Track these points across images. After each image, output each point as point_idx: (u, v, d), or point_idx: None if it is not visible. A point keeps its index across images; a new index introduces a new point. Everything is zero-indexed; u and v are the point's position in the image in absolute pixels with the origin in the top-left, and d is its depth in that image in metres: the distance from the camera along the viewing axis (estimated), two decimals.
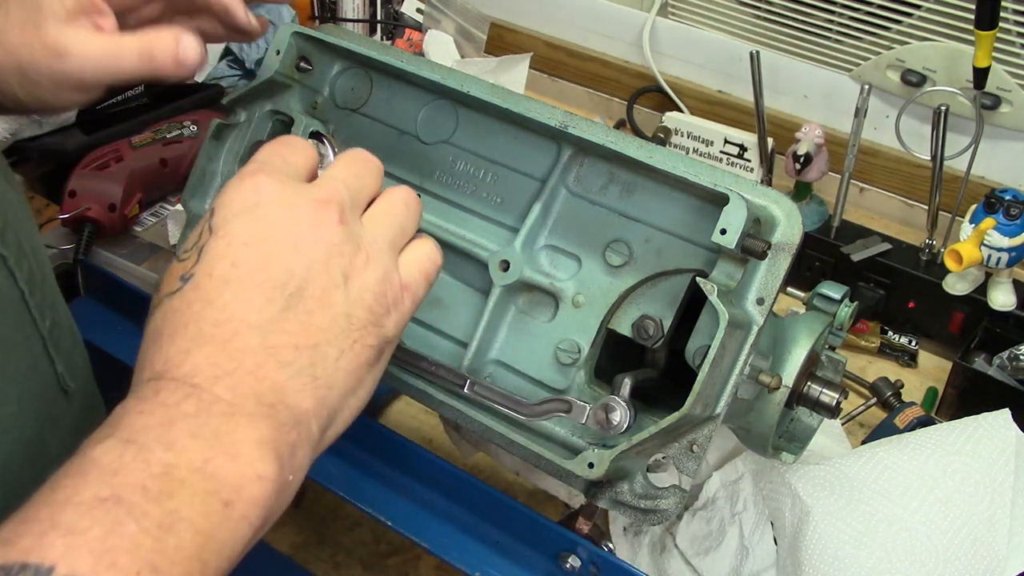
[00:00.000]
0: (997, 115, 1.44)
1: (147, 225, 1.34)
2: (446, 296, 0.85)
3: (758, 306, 0.73)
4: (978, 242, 1.20)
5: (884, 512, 0.91)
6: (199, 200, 0.89)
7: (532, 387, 0.81)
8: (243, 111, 0.89)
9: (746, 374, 0.74)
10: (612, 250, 0.79)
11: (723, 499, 1.02)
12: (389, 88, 0.88)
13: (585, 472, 0.71)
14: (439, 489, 0.84)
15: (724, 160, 1.56)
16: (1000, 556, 0.89)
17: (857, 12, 1.50)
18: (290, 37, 0.86)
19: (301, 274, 0.56)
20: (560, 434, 0.79)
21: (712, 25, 1.68)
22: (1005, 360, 1.23)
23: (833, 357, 0.89)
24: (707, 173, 0.74)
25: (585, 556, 0.77)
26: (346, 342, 0.57)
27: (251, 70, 1.61)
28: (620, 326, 0.78)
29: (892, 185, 1.59)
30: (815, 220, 1.43)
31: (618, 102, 1.82)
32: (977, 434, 0.95)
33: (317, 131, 0.90)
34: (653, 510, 0.75)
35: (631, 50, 1.78)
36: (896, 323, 1.38)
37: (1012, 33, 1.38)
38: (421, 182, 0.87)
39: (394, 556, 1.15)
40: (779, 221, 0.74)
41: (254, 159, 0.61)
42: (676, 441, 0.74)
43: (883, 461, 0.94)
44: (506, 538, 0.81)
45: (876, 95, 1.48)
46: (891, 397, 1.28)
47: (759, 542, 0.98)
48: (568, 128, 0.77)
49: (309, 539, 1.17)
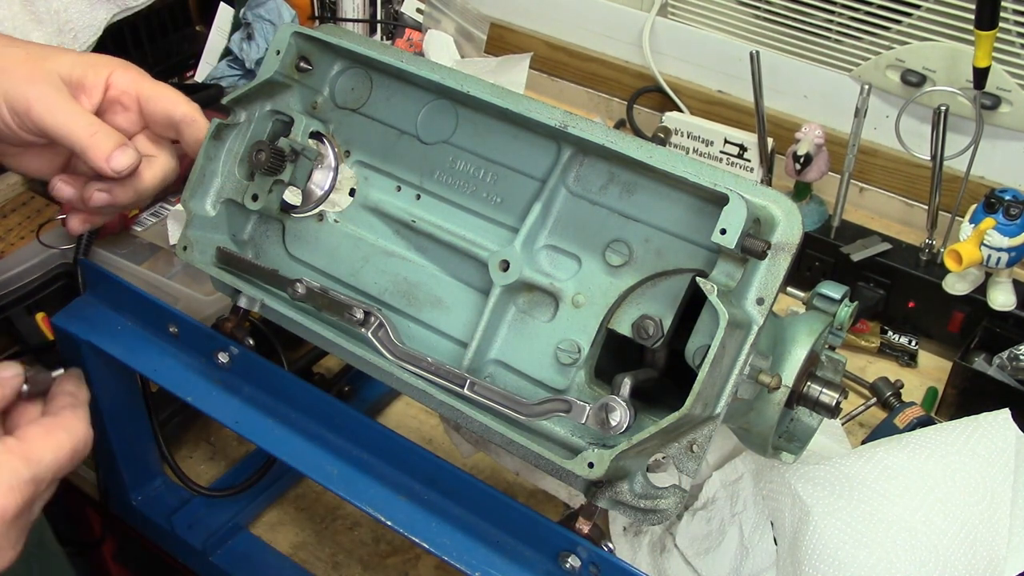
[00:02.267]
0: (997, 115, 1.44)
1: (147, 225, 1.34)
2: (446, 296, 0.85)
3: (758, 306, 0.73)
4: (978, 242, 1.20)
5: (884, 512, 0.91)
6: (199, 200, 0.89)
7: (532, 387, 0.81)
8: (243, 111, 0.89)
9: (746, 374, 0.74)
10: (612, 250, 0.79)
11: (723, 499, 1.02)
12: (389, 88, 0.89)
13: (585, 472, 0.71)
14: (439, 489, 0.84)
15: (724, 160, 1.56)
16: (1000, 556, 0.89)
17: (857, 12, 1.50)
18: (290, 37, 0.86)
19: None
20: (560, 434, 0.79)
21: (712, 25, 1.68)
22: (1005, 360, 1.23)
23: (833, 357, 0.89)
24: (707, 173, 0.74)
25: (585, 556, 0.77)
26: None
27: (251, 70, 1.61)
28: (620, 326, 0.78)
29: (892, 185, 1.59)
30: (815, 220, 1.43)
31: (618, 102, 1.82)
32: (977, 434, 0.95)
33: (317, 131, 0.90)
34: (653, 510, 0.75)
35: (631, 50, 1.78)
36: (896, 323, 1.38)
37: (1012, 33, 1.38)
38: (421, 182, 0.87)
39: (394, 556, 1.15)
40: (779, 221, 0.74)
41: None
42: (676, 441, 0.74)
43: (883, 461, 0.94)
44: (506, 538, 0.81)
45: (876, 95, 1.48)
46: (891, 397, 1.28)
47: (759, 542, 0.98)
48: (568, 128, 0.77)
49: (309, 539, 1.17)
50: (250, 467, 1.15)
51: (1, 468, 0.68)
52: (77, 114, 0.84)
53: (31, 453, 0.70)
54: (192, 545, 1.13)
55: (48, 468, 0.71)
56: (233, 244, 0.91)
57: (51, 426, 0.74)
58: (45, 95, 0.83)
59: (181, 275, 1.25)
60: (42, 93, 0.83)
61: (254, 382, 0.92)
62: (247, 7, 1.64)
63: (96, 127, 0.84)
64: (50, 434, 0.73)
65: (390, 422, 1.28)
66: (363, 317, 0.80)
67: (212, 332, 0.93)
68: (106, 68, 0.87)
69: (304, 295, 0.83)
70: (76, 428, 0.75)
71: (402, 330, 0.84)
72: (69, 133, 0.84)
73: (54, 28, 1.40)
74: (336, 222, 0.90)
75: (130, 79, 0.88)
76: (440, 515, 0.83)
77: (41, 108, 0.83)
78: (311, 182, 0.90)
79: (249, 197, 0.88)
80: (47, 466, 0.71)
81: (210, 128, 0.87)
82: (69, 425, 0.75)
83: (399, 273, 0.87)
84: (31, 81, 0.83)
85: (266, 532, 1.17)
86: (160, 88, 0.89)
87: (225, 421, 0.91)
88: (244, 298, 0.87)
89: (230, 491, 1.14)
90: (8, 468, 0.68)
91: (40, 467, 0.70)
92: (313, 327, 0.82)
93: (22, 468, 0.69)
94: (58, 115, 0.84)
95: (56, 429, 0.74)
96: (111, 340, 0.98)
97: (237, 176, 0.89)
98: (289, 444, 0.89)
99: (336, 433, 0.88)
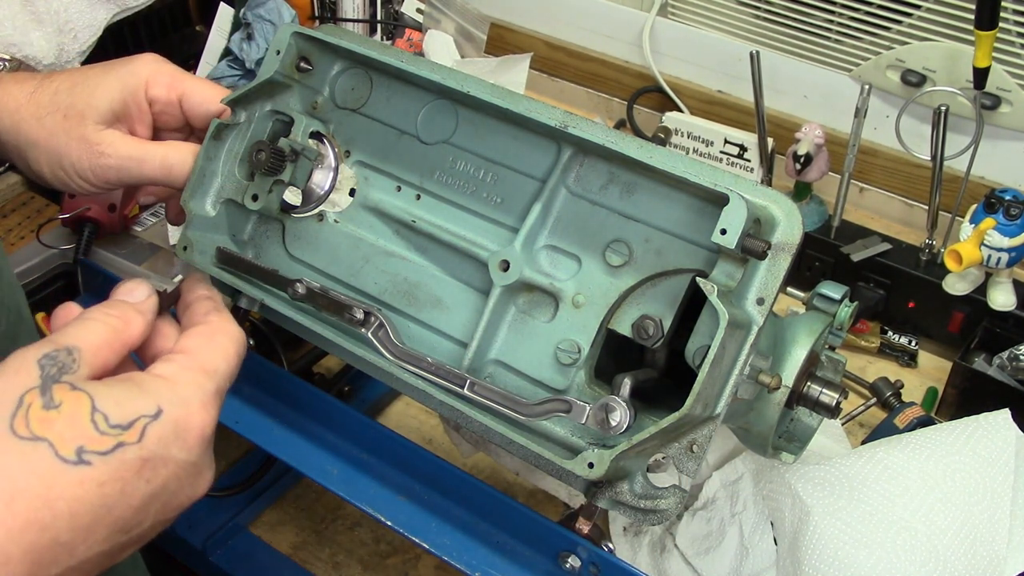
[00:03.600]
0: (997, 115, 1.44)
1: (147, 225, 1.34)
2: (446, 296, 0.85)
3: (758, 306, 0.73)
4: (978, 242, 1.20)
5: (884, 512, 0.91)
6: (199, 200, 0.89)
7: (532, 387, 0.81)
8: (243, 111, 0.89)
9: (746, 374, 0.74)
10: (612, 250, 0.79)
11: (723, 499, 1.02)
12: (389, 88, 0.88)
13: (585, 472, 0.71)
14: (439, 489, 0.84)
15: (724, 160, 1.56)
16: (1000, 556, 0.89)
17: (857, 12, 1.50)
18: (290, 37, 0.86)
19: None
20: (560, 434, 0.79)
21: (712, 25, 1.68)
22: (1005, 360, 1.23)
23: (833, 357, 0.89)
24: (707, 173, 0.74)
25: (585, 556, 0.77)
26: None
27: (251, 70, 1.61)
28: (620, 326, 0.78)
29: (892, 185, 1.59)
30: (815, 220, 1.43)
31: (618, 102, 1.82)
32: (977, 434, 0.95)
33: (317, 131, 0.90)
34: (653, 510, 0.75)
35: (631, 50, 1.78)
36: (896, 323, 1.38)
37: (1012, 33, 1.38)
38: (421, 182, 0.87)
39: (394, 556, 1.15)
40: (779, 221, 0.74)
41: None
42: (676, 441, 0.74)
43: (883, 461, 0.94)
44: (506, 538, 0.81)
45: (876, 95, 1.48)
46: (891, 397, 1.28)
47: (759, 542, 0.98)
48: (568, 128, 0.77)
49: (309, 539, 1.17)
50: (250, 467, 1.16)
51: (189, 386, 0.62)
52: (144, 157, 0.86)
53: (207, 364, 0.65)
54: (192, 545, 1.13)
55: (224, 376, 0.66)
56: (233, 244, 0.91)
57: (210, 333, 0.68)
58: (102, 155, 0.85)
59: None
60: (99, 155, 0.85)
61: (254, 382, 0.92)
62: (247, 7, 1.64)
63: (167, 159, 0.86)
64: (213, 341, 0.67)
65: (390, 422, 1.28)
66: (363, 317, 0.80)
67: None
68: (139, 84, 0.87)
69: (304, 295, 0.82)
70: (231, 329, 0.69)
71: (402, 330, 0.84)
72: (146, 177, 0.87)
73: (54, 28, 1.40)
74: (336, 222, 0.90)
75: (165, 85, 0.88)
76: (440, 515, 0.83)
77: (109, 173, 0.85)
78: (311, 182, 0.90)
79: (249, 197, 0.88)
80: (224, 374, 0.66)
81: (210, 128, 0.87)
82: (225, 328, 0.69)
83: (399, 273, 0.87)
84: (84, 147, 0.85)
85: (266, 532, 1.17)
86: (195, 85, 0.89)
87: (225, 421, 0.91)
88: (244, 298, 0.87)
89: (230, 491, 1.14)
90: (195, 385, 0.62)
91: (219, 377, 0.65)
92: (313, 327, 0.82)
93: (206, 382, 0.63)
94: (131, 167, 0.86)
95: (216, 335, 0.68)
96: None
97: (237, 176, 0.89)
98: (289, 444, 0.89)
99: (336, 433, 0.88)
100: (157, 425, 0.59)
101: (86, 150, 0.85)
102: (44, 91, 0.86)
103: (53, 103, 0.86)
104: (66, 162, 0.85)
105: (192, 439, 0.61)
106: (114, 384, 0.59)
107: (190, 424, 0.60)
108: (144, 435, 0.58)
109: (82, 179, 0.86)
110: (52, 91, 0.86)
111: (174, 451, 0.59)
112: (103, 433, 0.56)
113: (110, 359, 0.62)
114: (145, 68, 0.88)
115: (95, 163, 0.85)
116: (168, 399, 0.60)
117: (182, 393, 0.61)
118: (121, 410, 0.57)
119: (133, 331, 0.64)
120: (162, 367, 0.63)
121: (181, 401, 0.61)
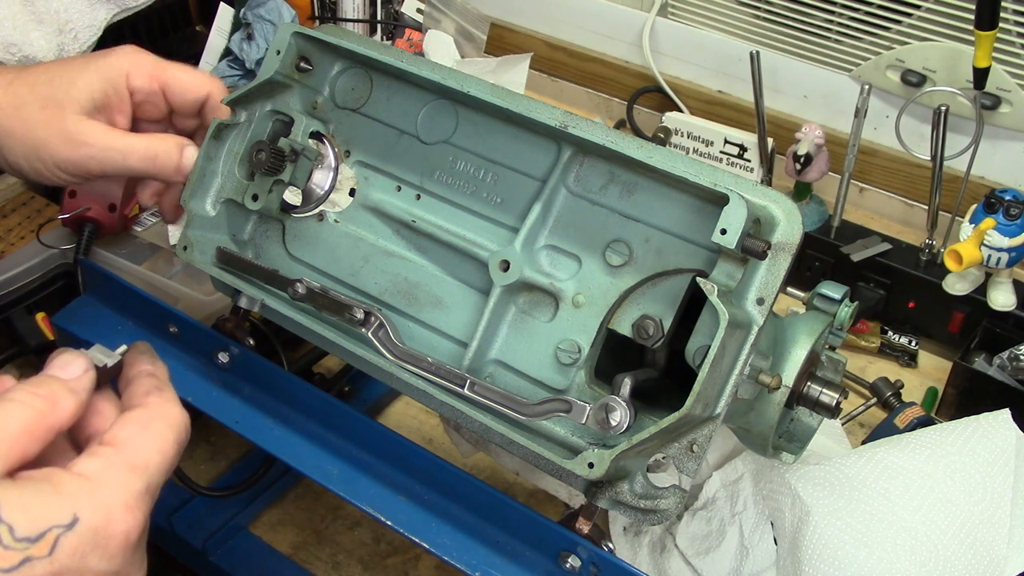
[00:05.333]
0: (997, 115, 1.44)
1: (147, 225, 1.34)
2: (446, 296, 0.85)
3: (758, 306, 0.73)
4: (978, 242, 1.20)
5: (884, 512, 0.91)
6: (199, 200, 0.89)
7: (532, 387, 0.81)
8: (243, 111, 0.89)
9: (746, 374, 0.74)
10: (612, 250, 0.79)
11: (723, 499, 1.02)
12: (389, 88, 0.89)
13: (585, 472, 0.71)
14: (439, 489, 0.84)
15: (724, 160, 1.56)
16: (1000, 556, 0.89)
17: (857, 12, 1.50)
18: (290, 37, 0.86)
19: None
20: (560, 434, 0.79)
21: (712, 25, 1.68)
22: (1005, 360, 1.23)
23: (833, 357, 0.89)
24: (707, 173, 0.74)
25: (585, 556, 0.77)
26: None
27: (251, 70, 1.61)
28: (620, 326, 0.78)
29: (892, 185, 1.59)
30: (815, 220, 1.43)
31: (618, 102, 1.82)
32: (977, 434, 0.95)
33: (317, 131, 0.90)
34: (653, 510, 0.75)
35: (631, 50, 1.78)
36: (896, 323, 1.38)
37: (1012, 33, 1.38)
38: (421, 182, 0.87)
39: (394, 556, 1.15)
40: (779, 221, 0.74)
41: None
42: (676, 441, 0.74)
43: (883, 461, 0.94)
44: (506, 538, 0.81)
45: (876, 95, 1.48)
46: (891, 397, 1.28)
47: (759, 542, 0.98)
48: (568, 128, 0.77)
49: (309, 539, 1.17)
50: (250, 467, 1.15)
51: (112, 487, 0.56)
52: (128, 149, 0.85)
53: (136, 459, 0.58)
54: (192, 545, 1.13)
55: (158, 470, 0.59)
56: (233, 244, 0.91)
57: (146, 420, 0.61)
58: (84, 145, 0.83)
59: (181, 275, 1.25)
60: (80, 145, 0.83)
61: (254, 382, 0.92)
62: (247, 7, 1.64)
63: (151, 150, 0.85)
64: (148, 430, 0.60)
65: (390, 422, 1.28)
66: (363, 317, 0.80)
67: (212, 332, 0.93)
68: (120, 75, 0.86)
69: (304, 295, 0.83)
70: (172, 413, 0.62)
71: (402, 330, 0.84)
72: (130, 169, 0.85)
73: (54, 28, 1.40)
74: (336, 222, 0.90)
75: (147, 74, 0.87)
76: (440, 515, 0.83)
77: (91, 164, 0.84)
78: (311, 182, 0.90)
79: (249, 197, 0.88)
80: (157, 468, 0.59)
81: (210, 128, 0.87)
82: (164, 412, 0.62)
83: (399, 273, 0.87)
84: (64, 138, 0.83)
85: (266, 532, 1.17)
86: (178, 73, 0.88)
87: (225, 421, 0.91)
88: (244, 298, 0.87)
89: (230, 491, 1.14)
90: (120, 485, 0.56)
91: (150, 473, 0.58)
92: (313, 327, 0.82)
93: (134, 481, 0.57)
94: (114, 158, 0.84)
95: (152, 422, 0.61)
96: (111, 340, 0.97)
97: (237, 176, 0.89)
98: (289, 444, 0.89)
99: (336, 433, 0.88)
100: (72, 535, 0.53)
101: (66, 141, 0.83)
102: (22, 82, 0.85)
103: (32, 94, 0.84)
104: (44, 153, 0.84)
105: (114, 547, 0.55)
106: (26, 487, 0.54)
107: (111, 531, 0.55)
108: (56, 548, 0.52)
109: (60, 170, 0.85)
110: (31, 83, 0.85)
111: (92, 562, 0.54)
112: (7, 548, 0.51)
113: (30, 448, 0.56)
114: (125, 59, 0.87)
115: (76, 154, 0.84)
116: (86, 504, 0.54)
117: (104, 496, 0.56)
118: (30, 520, 0.52)
119: (61, 414, 0.58)
120: (85, 464, 0.57)
121: (102, 505, 0.55)
